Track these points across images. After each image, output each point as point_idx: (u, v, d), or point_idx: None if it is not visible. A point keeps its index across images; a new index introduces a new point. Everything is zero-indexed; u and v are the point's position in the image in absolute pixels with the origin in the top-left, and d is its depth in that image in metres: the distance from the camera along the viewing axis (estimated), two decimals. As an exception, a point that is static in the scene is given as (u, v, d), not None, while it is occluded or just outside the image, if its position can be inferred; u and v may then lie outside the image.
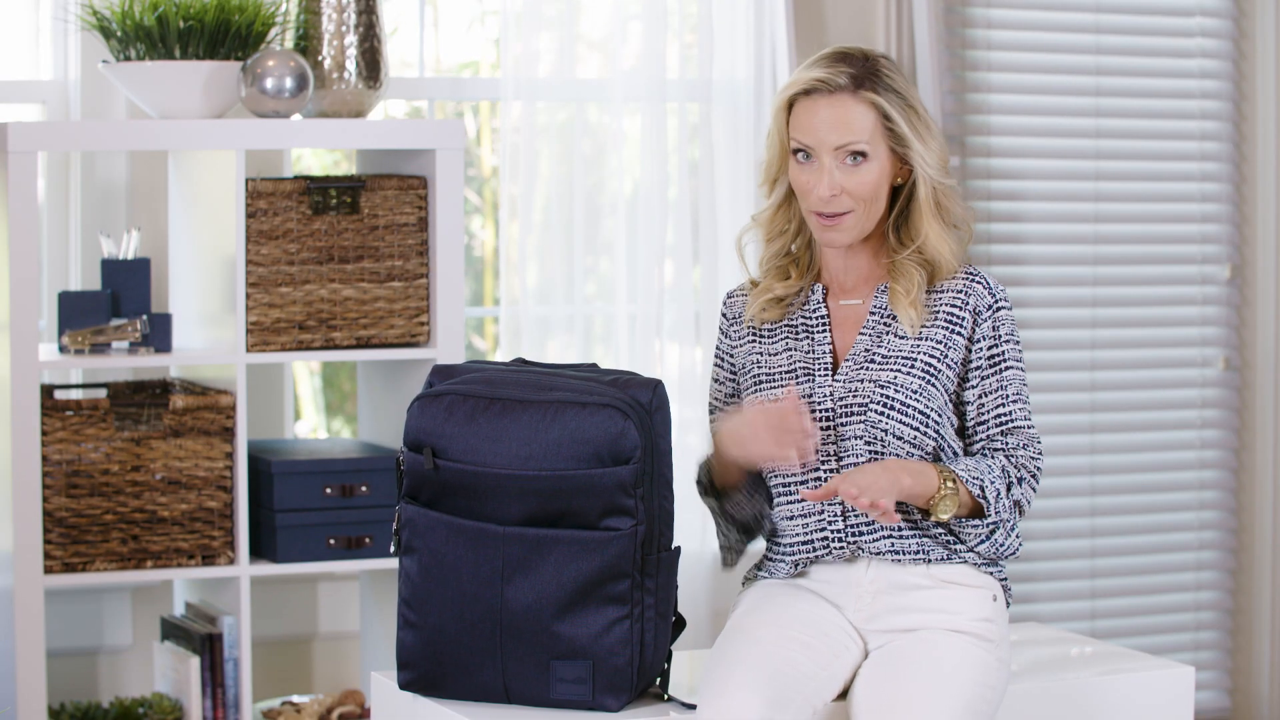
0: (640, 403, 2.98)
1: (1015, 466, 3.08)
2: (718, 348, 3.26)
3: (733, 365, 3.23)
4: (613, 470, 2.95)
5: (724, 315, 3.25)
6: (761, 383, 3.15)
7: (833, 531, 3.09)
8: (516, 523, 3.00)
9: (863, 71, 3.08)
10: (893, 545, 3.08)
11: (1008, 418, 3.10)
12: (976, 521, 3.05)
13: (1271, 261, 5.43)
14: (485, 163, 6.86)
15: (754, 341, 3.19)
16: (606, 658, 2.99)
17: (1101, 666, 3.35)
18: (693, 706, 3.01)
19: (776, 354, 3.15)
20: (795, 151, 3.09)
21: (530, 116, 4.66)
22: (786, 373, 3.13)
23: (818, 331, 3.14)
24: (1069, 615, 5.30)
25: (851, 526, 3.08)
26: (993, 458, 3.09)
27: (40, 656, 3.95)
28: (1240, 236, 5.45)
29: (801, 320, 3.16)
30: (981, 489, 3.03)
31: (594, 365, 3.14)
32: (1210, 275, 5.43)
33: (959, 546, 3.10)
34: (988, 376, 3.10)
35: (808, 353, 3.13)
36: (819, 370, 3.11)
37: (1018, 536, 3.09)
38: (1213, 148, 5.41)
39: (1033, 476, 3.09)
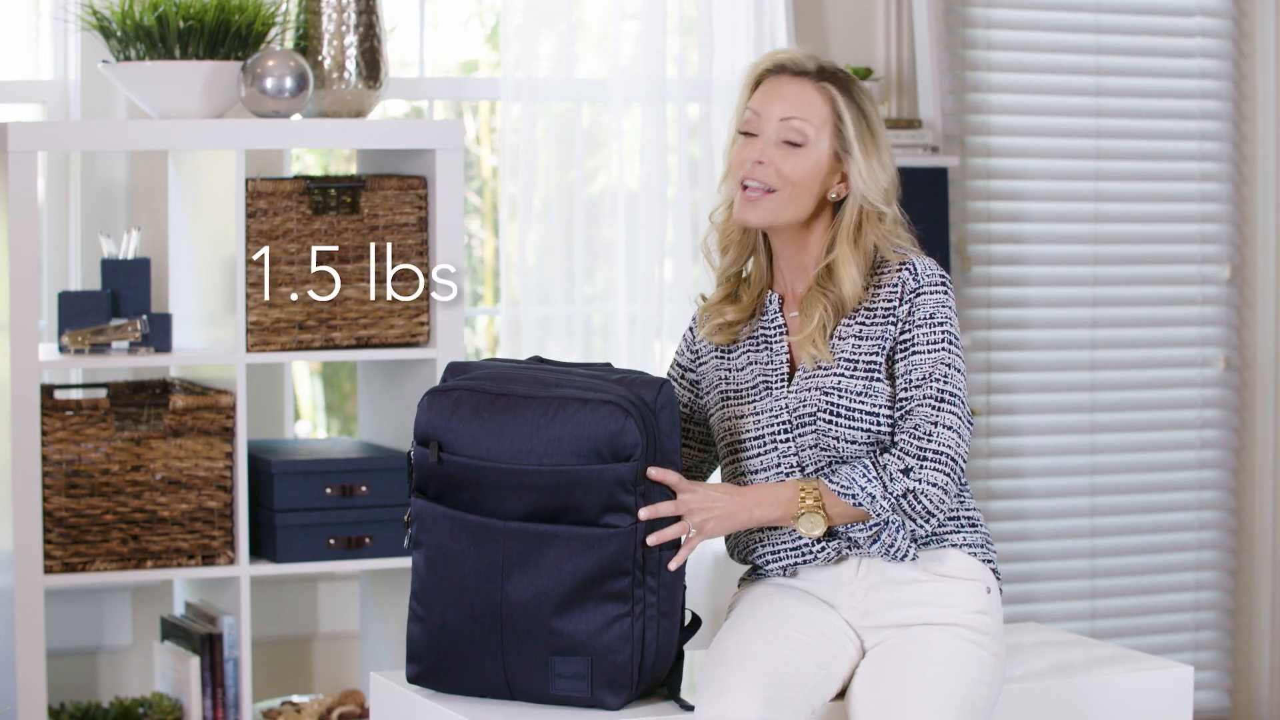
0: (644, 401, 2.98)
1: (899, 457, 3.05)
2: (677, 360, 3.28)
3: (694, 378, 3.25)
4: (612, 467, 2.96)
5: (691, 330, 3.27)
6: (729, 399, 3.17)
7: (814, 536, 3.10)
8: (518, 518, 3.01)
9: (831, 71, 3.13)
10: (880, 543, 3.08)
11: (906, 401, 3.08)
12: (861, 525, 3.05)
13: (1271, 261, 5.43)
14: (485, 163, 6.86)
15: (720, 357, 3.20)
16: (606, 655, 2.99)
17: (1101, 666, 3.35)
18: (691, 707, 3.01)
19: (741, 369, 3.17)
20: (741, 129, 3.13)
21: (530, 116, 4.66)
22: (750, 387, 3.15)
23: (775, 342, 3.15)
24: (1069, 615, 5.30)
25: (831, 530, 3.09)
26: (867, 458, 3.06)
27: (40, 656, 3.95)
28: (1240, 236, 5.45)
29: (761, 331, 3.17)
30: (853, 497, 3.03)
31: (608, 365, 3.15)
32: (1210, 275, 5.43)
33: (943, 530, 3.10)
34: (897, 361, 3.10)
35: (767, 364, 3.15)
36: (776, 382, 3.13)
37: (925, 519, 3.04)
38: (1213, 148, 5.41)
39: (922, 459, 3.01)
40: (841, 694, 3.07)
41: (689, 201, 4.79)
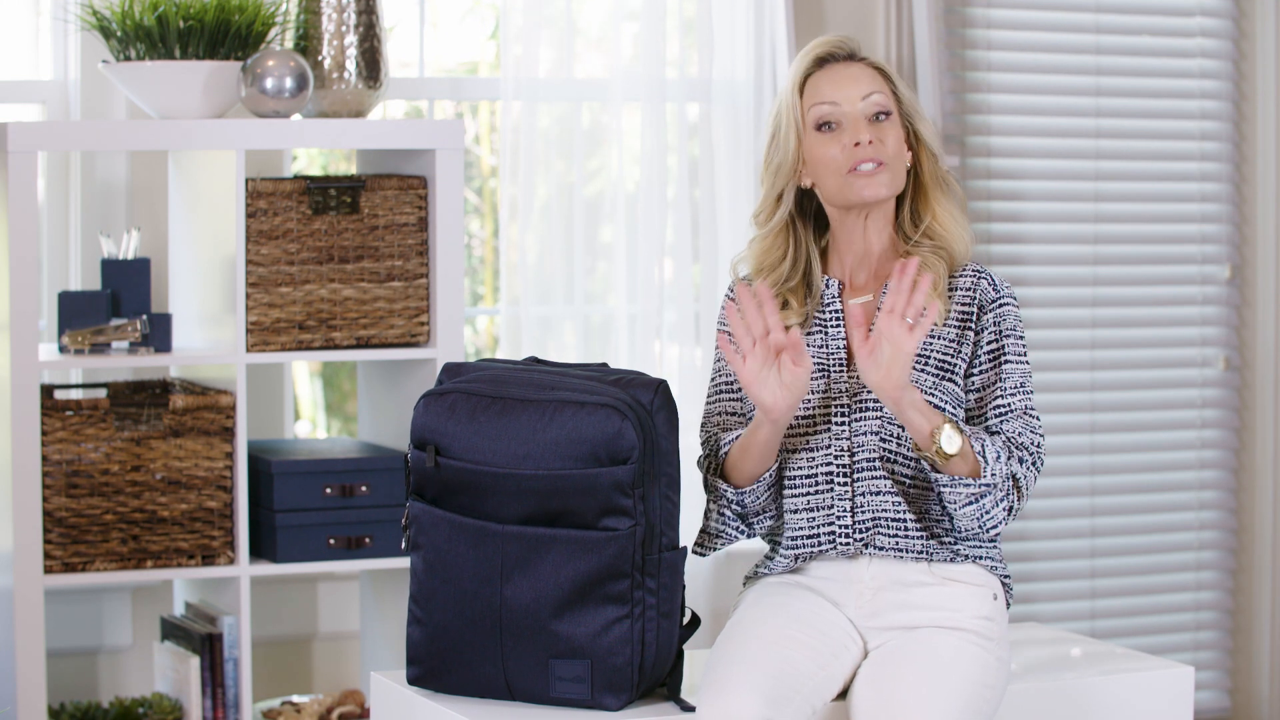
0: (640, 402, 2.98)
1: (1017, 447, 3.08)
2: (722, 329, 3.23)
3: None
4: (609, 470, 2.96)
5: (733, 301, 3.23)
6: None
7: (840, 527, 3.09)
8: (515, 521, 3.01)
9: (860, 52, 3.18)
10: (897, 544, 3.08)
11: (1006, 408, 3.10)
12: (969, 480, 3.04)
13: (1271, 261, 5.43)
14: (485, 163, 6.86)
15: None
16: (605, 657, 2.99)
17: (1101, 666, 3.35)
18: (692, 708, 3.01)
19: None
20: (819, 126, 3.11)
21: (530, 116, 4.66)
22: None
23: (832, 326, 3.14)
24: (1069, 615, 5.30)
25: (859, 523, 3.08)
26: (996, 433, 3.09)
27: (40, 656, 3.95)
28: (1240, 236, 5.45)
29: (816, 316, 3.16)
30: (982, 447, 3.02)
31: (604, 365, 3.14)
32: (1210, 275, 5.43)
33: (960, 547, 3.10)
34: (987, 370, 3.11)
35: (821, 348, 3.14)
36: (834, 366, 3.12)
37: (1006, 511, 3.06)
38: (1213, 148, 5.41)
39: (1033, 460, 3.08)
40: (843, 694, 3.07)
41: (689, 201, 4.79)
